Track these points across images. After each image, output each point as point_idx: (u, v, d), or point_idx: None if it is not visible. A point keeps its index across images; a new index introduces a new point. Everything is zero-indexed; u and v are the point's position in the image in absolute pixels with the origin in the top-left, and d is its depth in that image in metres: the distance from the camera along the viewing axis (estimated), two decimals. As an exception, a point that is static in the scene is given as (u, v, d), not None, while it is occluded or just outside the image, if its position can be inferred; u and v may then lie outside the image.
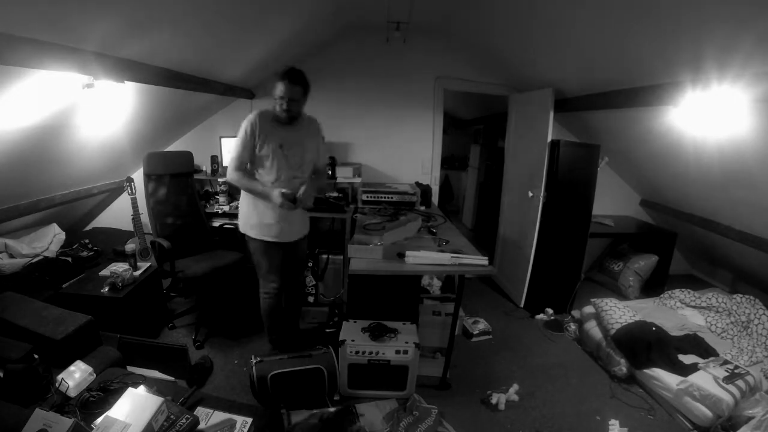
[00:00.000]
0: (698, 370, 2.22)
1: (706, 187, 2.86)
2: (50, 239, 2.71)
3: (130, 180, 2.68)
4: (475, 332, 2.93)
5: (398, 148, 3.87)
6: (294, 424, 1.89)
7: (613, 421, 2.08)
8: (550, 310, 3.26)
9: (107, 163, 2.91)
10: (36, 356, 1.55)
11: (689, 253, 4.10)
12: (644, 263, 3.62)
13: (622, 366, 2.46)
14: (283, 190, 2.05)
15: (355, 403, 2.13)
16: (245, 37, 2.47)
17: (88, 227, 3.57)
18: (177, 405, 1.48)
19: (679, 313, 2.90)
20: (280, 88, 2.04)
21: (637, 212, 4.12)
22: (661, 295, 3.13)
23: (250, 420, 1.53)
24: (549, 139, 3.06)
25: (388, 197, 3.21)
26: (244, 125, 2.14)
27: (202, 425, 1.47)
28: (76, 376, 1.57)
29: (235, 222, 3.16)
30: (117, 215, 3.54)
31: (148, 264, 2.68)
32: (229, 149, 3.54)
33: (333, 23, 3.29)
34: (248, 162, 2.18)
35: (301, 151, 2.21)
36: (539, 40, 2.73)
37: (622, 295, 3.55)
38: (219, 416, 1.54)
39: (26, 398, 1.47)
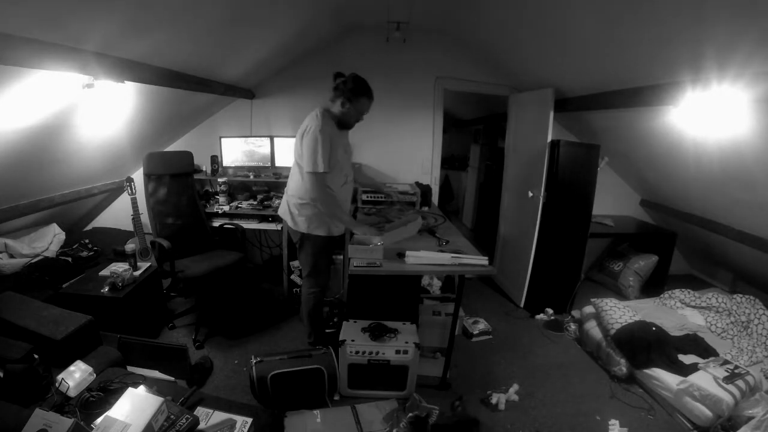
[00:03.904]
0: (698, 370, 2.22)
1: (706, 187, 2.86)
2: (50, 239, 2.71)
3: (130, 180, 2.68)
4: (475, 332, 2.93)
5: (398, 148, 3.87)
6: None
7: (613, 421, 2.08)
8: (550, 310, 3.26)
9: (107, 163, 2.91)
10: (36, 356, 1.56)
11: (689, 253, 4.09)
12: (644, 263, 3.62)
13: (622, 366, 2.46)
14: (374, 231, 2.23)
15: (355, 403, 2.13)
16: (245, 37, 2.47)
17: (88, 227, 3.57)
18: (177, 405, 1.48)
19: (679, 313, 2.90)
20: (367, 105, 2.20)
21: (637, 212, 4.12)
22: (661, 295, 3.13)
23: (250, 420, 1.53)
24: (549, 139, 3.06)
25: (388, 197, 3.20)
26: (318, 136, 2.04)
27: (202, 425, 1.47)
28: (76, 376, 1.57)
29: (235, 222, 3.19)
30: (117, 215, 3.54)
31: (148, 264, 2.68)
32: (229, 150, 3.56)
33: (333, 23, 3.29)
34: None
35: (351, 151, 2.43)
36: (539, 40, 2.73)
37: (622, 295, 3.55)
38: (219, 416, 1.54)
39: (26, 398, 1.47)
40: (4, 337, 1.64)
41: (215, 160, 3.57)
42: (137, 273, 2.53)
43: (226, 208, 3.32)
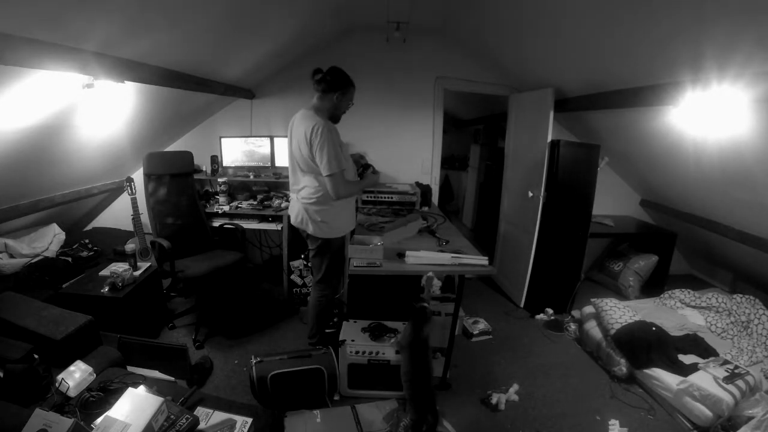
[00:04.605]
0: (698, 370, 2.22)
1: (706, 187, 2.86)
2: (50, 239, 2.71)
3: (130, 180, 2.68)
4: (475, 332, 2.93)
5: (398, 148, 3.87)
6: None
7: (613, 421, 2.08)
8: (550, 310, 3.26)
9: (107, 163, 2.91)
10: (36, 356, 1.56)
11: (689, 253, 4.09)
12: (644, 263, 3.62)
13: (622, 366, 2.46)
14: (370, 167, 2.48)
15: (355, 403, 2.13)
16: (245, 37, 2.47)
17: (88, 227, 3.57)
18: (177, 405, 1.48)
19: (679, 313, 2.90)
20: (353, 93, 2.21)
21: (637, 212, 4.12)
22: (661, 295, 3.13)
23: (250, 420, 1.53)
24: (549, 139, 3.06)
25: (388, 197, 3.21)
26: (328, 136, 2.02)
27: (202, 425, 1.47)
28: (76, 376, 1.57)
29: (235, 222, 3.19)
30: (117, 215, 3.54)
31: (148, 264, 2.68)
32: (228, 149, 3.56)
33: (333, 23, 3.29)
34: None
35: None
36: (539, 41, 2.73)
37: (622, 295, 3.55)
38: (219, 416, 1.54)
39: (26, 398, 1.47)
40: (4, 337, 1.64)
41: (215, 160, 3.57)
42: (137, 273, 2.53)
43: (226, 208, 3.32)
